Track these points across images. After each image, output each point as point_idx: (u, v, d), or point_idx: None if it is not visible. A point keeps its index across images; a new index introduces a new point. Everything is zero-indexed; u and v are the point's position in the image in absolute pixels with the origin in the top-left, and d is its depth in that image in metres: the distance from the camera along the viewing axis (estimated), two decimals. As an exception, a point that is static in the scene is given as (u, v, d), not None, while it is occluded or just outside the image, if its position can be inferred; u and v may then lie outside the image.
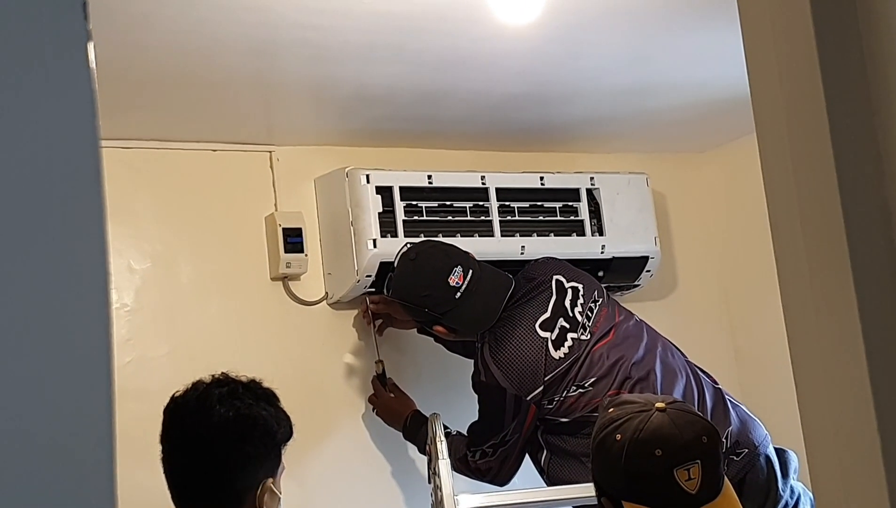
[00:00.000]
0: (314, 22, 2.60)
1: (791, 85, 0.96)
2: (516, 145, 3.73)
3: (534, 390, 3.01)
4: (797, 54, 0.95)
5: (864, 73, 0.94)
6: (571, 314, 3.10)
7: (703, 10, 2.78)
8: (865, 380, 0.90)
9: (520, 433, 3.05)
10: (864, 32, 0.94)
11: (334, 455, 3.40)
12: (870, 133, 0.93)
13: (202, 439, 2.13)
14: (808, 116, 0.94)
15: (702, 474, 1.90)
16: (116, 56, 2.65)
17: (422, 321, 3.20)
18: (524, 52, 2.96)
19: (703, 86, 3.38)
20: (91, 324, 0.60)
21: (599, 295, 3.19)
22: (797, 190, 0.95)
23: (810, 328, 0.95)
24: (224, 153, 3.38)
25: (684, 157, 4.14)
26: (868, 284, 0.91)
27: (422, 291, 3.08)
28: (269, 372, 2.32)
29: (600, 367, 3.04)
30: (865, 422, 0.90)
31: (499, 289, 3.11)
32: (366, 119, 3.36)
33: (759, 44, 1.00)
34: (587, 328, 3.09)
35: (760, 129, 1.01)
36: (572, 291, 3.16)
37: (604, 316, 3.14)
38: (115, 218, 3.18)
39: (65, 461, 0.59)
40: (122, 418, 2.72)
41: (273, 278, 3.39)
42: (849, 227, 0.91)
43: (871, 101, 0.94)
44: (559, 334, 3.06)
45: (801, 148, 0.95)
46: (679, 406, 2.01)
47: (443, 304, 3.07)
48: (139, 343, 3.18)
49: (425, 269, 3.08)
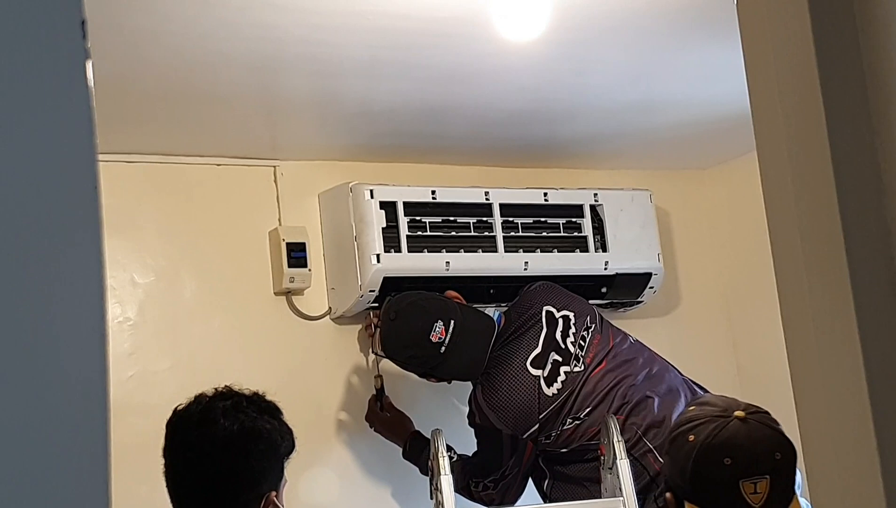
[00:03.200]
0: (318, 38, 2.61)
1: (791, 102, 0.96)
2: (520, 161, 3.74)
3: (529, 428, 3.03)
4: (797, 72, 0.95)
5: (864, 90, 0.94)
6: (564, 346, 3.10)
7: (706, 28, 2.79)
8: (865, 398, 0.90)
9: (519, 466, 3.07)
10: (863, 50, 0.94)
11: (336, 470, 3.40)
12: (869, 150, 0.94)
13: (206, 452, 2.12)
14: (808, 134, 0.95)
15: (769, 489, 1.86)
16: (121, 71, 2.66)
17: (415, 373, 3.21)
18: (528, 68, 2.97)
19: (707, 103, 3.38)
20: (87, 336, 0.61)
21: (592, 321, 3.19)
22: (797, 207, 0.96)
23: (810, 344, 0.95)
24: (228, 168, 3.39)
25: (688, 174, 4.14)
26: (868, 300, 0.92)
27: (406, 351, 3.12)
28: (272, 386, 2.32)
29: (595, 397, 3.04)
30: (865, 439, 0.90)
31: (483, 334, 3.12)
32: (370, 134, 3.37)
33: (759, 62, 1.00)
34: (581, 360, 3.09)
35: (761, 146, 1.02)
36: (563, 321, 3.16)
37: (597, 343, 3.14)
38: (119, 232, 3.18)
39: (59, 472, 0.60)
40: (124, 432, 2.72)
41: (276, 293, 3.39)
42: (848, 243, 0.92)
43: (870, 118, 0.94)
44: (552, 369, 3.07)
45: (801, 165, 0.96)
46: (760, 418, 1.95)
47: (429, 360, 3.10)
48: (142, 357, 3.18)
49: (405, 330, 3.11)
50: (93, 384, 0.59)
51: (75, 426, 0.59)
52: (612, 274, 3.61)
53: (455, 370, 3.10)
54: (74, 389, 0.59)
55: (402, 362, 3.16)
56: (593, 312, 3.22)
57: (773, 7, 0.98)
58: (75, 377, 0.59)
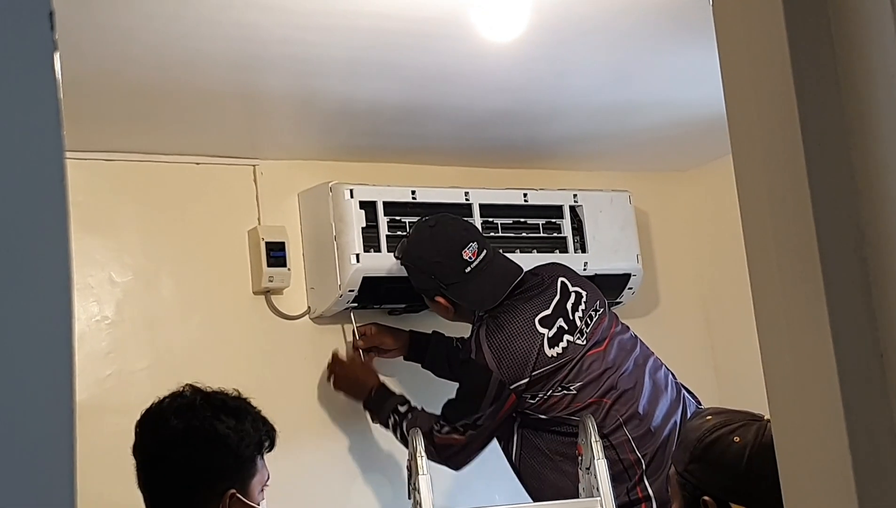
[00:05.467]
0: (299, 37, 2.61)
1: (765, 104, 0.97)
2: (500, 162, 3.74)
3: (519, 380, 3.01)
4: (772, 74, 0.96)
5: (838, 91, 0.95)
6: (571, 318, 3.11)
7: (686, 30, 2.80)
8: (838, 399, 0.91)
9: (493, 420, 3.04)
10: (837, 53, 0.95)
11: (316, 469, 3.39)
12: (843, 151, 0.94)
13: (157, 451, 2.16)
14: (783, 136, 0.95)
15: None
16: (101, 69, 2.65)
17: (424, 289, 3.18)
18: (508, 68, 2.98)
19: (686, 105, 3.40)
20: (53, 334, 0.60)
21: (601, 305, 3.21)
22: (771, 208, 0.96)
23: (783, 346, 0.96)
24: (208, 167, 3.38)
25: (667, 175, 4.15)
26: (841, 303, 0.92)
27: (434, 256, 3.10)
28: (250, 386, 2.32)
29: (589, 374, 3.05)
30: (837, 439, 0.91)
31: (508, 275, 3.13)
32: (350, 134, 3.37)
33: (734, 64, 1.01)
34: (584, 334, 3.10)
35: (736, 148, 1.02)
36: (575, 295, 3.17)
37: (601, 325, 3.15)
38: (98, 230, 3.17)
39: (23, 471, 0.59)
40: (102, 431, 2.71)
41: (255, 292, 3.39)
42: (822, 245, 0.92)
43: (844, 120, 0.95)
44: (556, 333, 3.07)
45: (776, 167, 0.96)
46: None
47: (452, 275, 3.08)
48: (120, 356, 3.17)
49: (442, 236, 3.11)
50: (59, 383, 0.58)
51: (40, 425, 0.58)
52: (592, 275, 3.62)
53: (472, 294, 3.08)
54: (39, 387, 0.59)
55: (424, 268, 3.11)
56: (602, 298, 3.24)
57: (747, 10, 0.99)
58: (40, 376, 0.59)
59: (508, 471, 3.24)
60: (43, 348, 0.60)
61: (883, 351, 0.92)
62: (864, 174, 0.93)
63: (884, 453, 0.91)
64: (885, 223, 0.92)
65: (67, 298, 0.60)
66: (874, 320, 0.92)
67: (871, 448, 0.91)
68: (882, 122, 0.93)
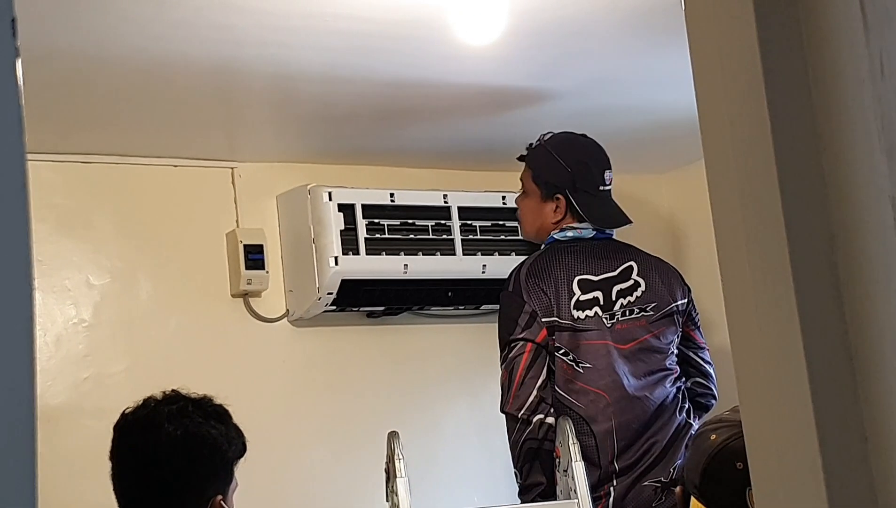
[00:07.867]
0: (276, 39, 2.61)
1: (736, 107, 0.98)
2: (478, 164, 3.75)
3: (549, 316, 2.93)
4: (742, 77, 0.96)
5: (809, 94, 0.95)
6: (612, 299, 3.02)
7: (664, 34, 2.81)
8: (807, 399, 0.91)
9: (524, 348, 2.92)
10: (808, 56, 0.96)
11: (292, 473, 3.39)
12: (813, 154, 0.95)
13: (150, 457, 2.13)
14: (753, 139, 0.96)
15: None
16: (78, 71, 2.65)
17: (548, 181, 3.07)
18: (485, 72, 2.98)
19: (664, 108, 3.41)
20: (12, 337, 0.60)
21: (655, 310, 3.06)
22: (742, 211, 0.97)
23: (754, 348, 0.96)
24: (186, 169, 3.38)
25: (644, 178, 4.16)
26: (811, 305, 0.93)
27: (583, 157, 3.07)
28: (228, 389, 2.32)
29: (597, 360, 2.92)
30: (807, 441, 0.91)
31: (621, 216, 3.11)
32: (328, 137, 3.37)
33: (706, 67, 1.02)
34: (614, 320, 3.01)
35: (707, 151, 1.03)
36: (633, 284, 3.07)
37: (638, 326, 3.03)
38: (75, 233, 3.16)
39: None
40: (78, 435, 2.70)
41: (234, 295, 3.38)
42: (792, 248, 0.93)
43: (815, 125, 0.95)
44: (588, 301, 2.99)
45: (746, 169, 0.97)
46: None
47: (588, 183, 3.05)
48: (97, 359, 3.16)
49: (594, 148, 3.09)
50: (18, 387, 0.58)
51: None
52: (570, 277, 3.62)
53: (596, 210, 3.06)
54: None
55: (568, 161, 3.05)
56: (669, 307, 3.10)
57: (718, 12, 0.99)
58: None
59: (487, 472, 3.24)
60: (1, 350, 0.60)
61: (853, 354, 0.92)
62: (835, 178, 0.94)
63: (854, 455, 0.91)
64: (855, 227, 0.93)
65: (28, 306, 0.60)
66: (844, 323, 0.92)
67: (842, 449, 0.91)
68: (853, 125, 0.93)
